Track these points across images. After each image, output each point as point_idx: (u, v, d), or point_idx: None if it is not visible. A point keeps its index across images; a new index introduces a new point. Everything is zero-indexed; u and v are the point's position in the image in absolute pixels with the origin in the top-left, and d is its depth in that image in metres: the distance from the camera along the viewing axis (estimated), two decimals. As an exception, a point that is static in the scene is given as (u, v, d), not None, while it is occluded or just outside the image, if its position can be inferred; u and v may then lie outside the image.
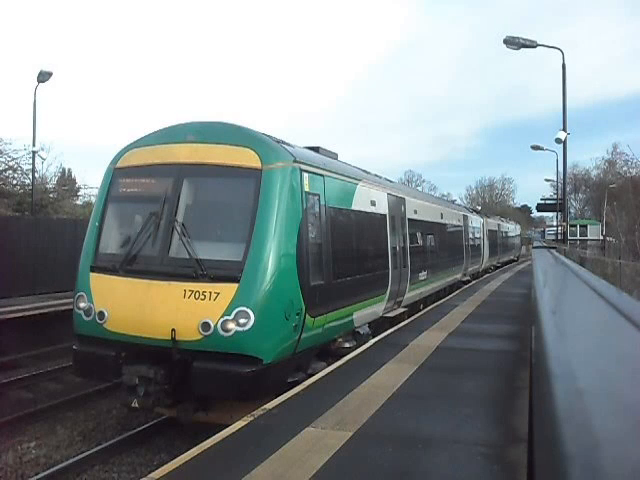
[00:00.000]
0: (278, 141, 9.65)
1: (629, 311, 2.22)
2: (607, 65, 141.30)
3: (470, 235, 28.16)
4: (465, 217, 27.54)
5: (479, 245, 31.54)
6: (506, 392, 7.79)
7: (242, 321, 8.02)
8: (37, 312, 16.13)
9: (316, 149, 11.75)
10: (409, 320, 14.36)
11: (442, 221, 21.80)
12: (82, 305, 8.97)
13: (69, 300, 12.14)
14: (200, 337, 8.04)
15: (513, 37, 20.49)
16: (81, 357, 9.06)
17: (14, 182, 30.54)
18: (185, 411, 9.01)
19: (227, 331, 7.99)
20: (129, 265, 8.93)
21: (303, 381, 8.44)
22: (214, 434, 6.18)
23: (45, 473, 8.19)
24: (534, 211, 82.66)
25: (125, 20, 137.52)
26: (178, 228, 8.80)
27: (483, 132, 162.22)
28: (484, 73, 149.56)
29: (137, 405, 8.23)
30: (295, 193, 9.10)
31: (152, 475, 5.25)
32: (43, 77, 23.89)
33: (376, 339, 11.65)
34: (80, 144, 76.40)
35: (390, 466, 5.23)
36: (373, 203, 13.28)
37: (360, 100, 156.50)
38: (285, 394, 7.60)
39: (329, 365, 9.51)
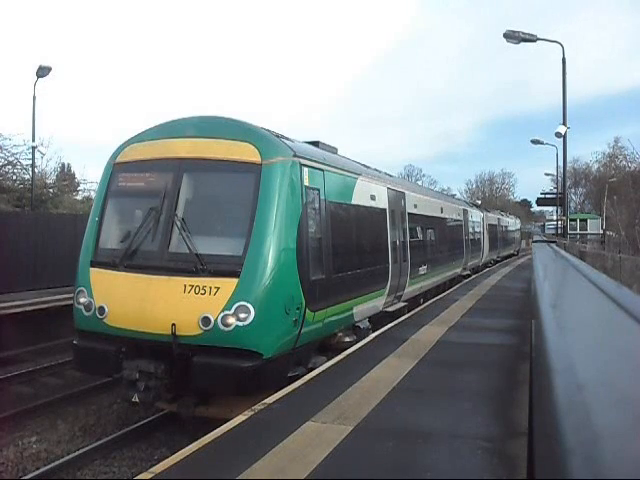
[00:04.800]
0: (278, 135, 9.63)
1: (629, 305, 2.22)
2: (608, 59, 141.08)
3: (470, 229, 28.16)
4: (465, 211, 27.53)
5: (479, 239, 31.54)
6: (506, 386, 7.80)
7: (242, 316, 8.03)
8: (37, 307, 16.14)
9: (315, 143, 11.73)
10: (409, 314, 14.36)
11: (442, 215, 21.78)
12: (82, 300, 8.98)
13: (69, 295, 12.15)
14: (200, 332, 8.05)
15: (513, 31, 20.43)
16: (81, 352, 9.07)
17: (14, 177, 30.51)
18: (185, 406, 9.02)
19: (227, 326, 8.00)
20: (129, 260, 8.94)
21: (303, 375, 8.45)
22: (214, 429, 6.19)
23: (46, 468, 8.21)
24: (534, 205, 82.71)
25: (126, 14, 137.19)
26: (178, 223, 8.79)
27: (483, 126, 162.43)
28: (485, 67, 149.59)
29: (137, 400, 8.24)
30: (295, 187, 9.09)
31: (153, 469, 5.25)
32: (42, 72, 23.76)
33: (376, 333, 11.66)
34: (80, 139, 76.34)
35: (390, 460, 5.24)
36: (373, 197, 13.27)
37: (360, 95, 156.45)
38: (285, 388, 7.61)
39: (329, 359, 9.51)
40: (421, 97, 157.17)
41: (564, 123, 21.40)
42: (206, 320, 8.03)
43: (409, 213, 16.43)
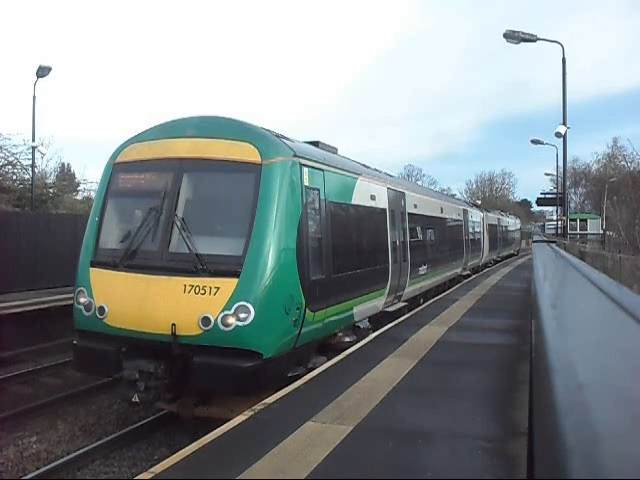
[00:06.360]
0: (278, 135, 9.63)
1: (629, 305, 2.22)
2: (609, 60, 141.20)
3: (470, 229, 28.15)
4: (465, 211, 27.52)
5: (479, 239, 31.53)
6: (506, 386, 7.80)
7: (242, 316, 8.02)
8: (37, 307, 16.14)
9: (315, 143, 11.73)
10: (409, 314, 14.37)
11: (442, 215, 21.78)
12: (82, 300, 8.97)
13: (69, 295, 12.15)
14: (200, 332, 8.05)
15: (513, 31, 20.44)
16: (81, 352, 9.07)
17: (14, 177, 30.51)
18: (185, 406, 9.04)
19: (227, 326, 8.00)
20: (129, 260, 8.93)
21: (303, 375, 8.45)
22: (214, 429, 6.19)
23: (46, 468, 8.20)
24: (534, 205, 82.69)
25: (126, 14, 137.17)
26: (178, 223, 8.79)
27: (483, 126, 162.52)
28: (485, 67, 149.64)
29: (137, 400, 8.24)
30: (295, 187, 9.09)
31: (153, 469, 5.26)
32: (42, 72, 23.76)
33: (376, 333, 11.66)
34: (80, 139, 76.28)
35: (390, 460, 5.24)
36: (373, 197, 13.27)
37: (360, 95, 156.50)
38: (285, 388, 7.61)
39: (329, 359, 9.52)
40: (421, 97, 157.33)
41: (564, 123, 21.41)
42: (206, 320, 8.03)
43: (409, 213, 16.42)
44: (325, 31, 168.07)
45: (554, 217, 55.63)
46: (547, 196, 40.53)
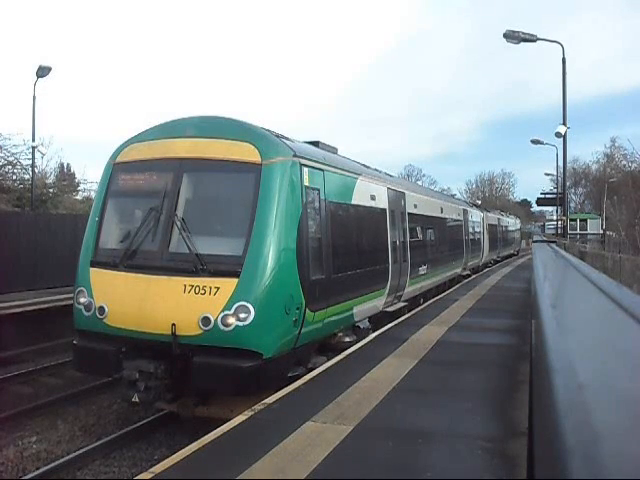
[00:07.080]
0: (278, 135, 9.63)
1: (629, 305, 2.22)
2: (608, 60, 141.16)
3: (470, 229, 28.14)
4: (465, 211, 27.52)
5: (479, 239, 31.53)
6: (506, 386, 7.80)
7: (242, 316, 8.02)
8: (37, 307, 16.13)
9: (316, 144, 11.72)
10: (409, 314, 14.37)
11: (442, 215, 21.78)
12: (82, 300, 8.97)
13: (69, 295, 12.15)
14: (200, 332, 8.05)
15: (513, 31, 20.44)
16: (81, 352, 9.07)
17: (14, 177, 30.48)
18: (185, 406, 9.03)
19: (227, 326, 8.00)
20: (129, 260, 8.93)
21: (303, 375, 8.45)
22: (214, 429, 6.19)
23: (46, 468, 8.20)
24: (534, 205, 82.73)
25: (126, 14, 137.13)
26: (178, 223, 8.79)
27: (483, 126, 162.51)
28: (485, 68, 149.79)
29: (137, 400, 8.24)
30: (295, 188, 9.09)
31: (153, 469, 5.26)
32: (42, 72, 23.74)
33: (376, 333, 11.66)
34: (80, 139, 76.27)
35: (390, 460, 5.24)
36: (373, 197, 13.27)
37: (360, 95, 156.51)
38: (285, 388, 7.61)
39: (329, 359, 9.52)
40: (421, 97, 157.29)
41: (564, 123, 21.41)
42: (206, 320, 8.03)
43: (409, 213, 16.42)
44: (325, 31, 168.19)
45: (554, 217, 55.63)
46: (547, 196, 40.48)
